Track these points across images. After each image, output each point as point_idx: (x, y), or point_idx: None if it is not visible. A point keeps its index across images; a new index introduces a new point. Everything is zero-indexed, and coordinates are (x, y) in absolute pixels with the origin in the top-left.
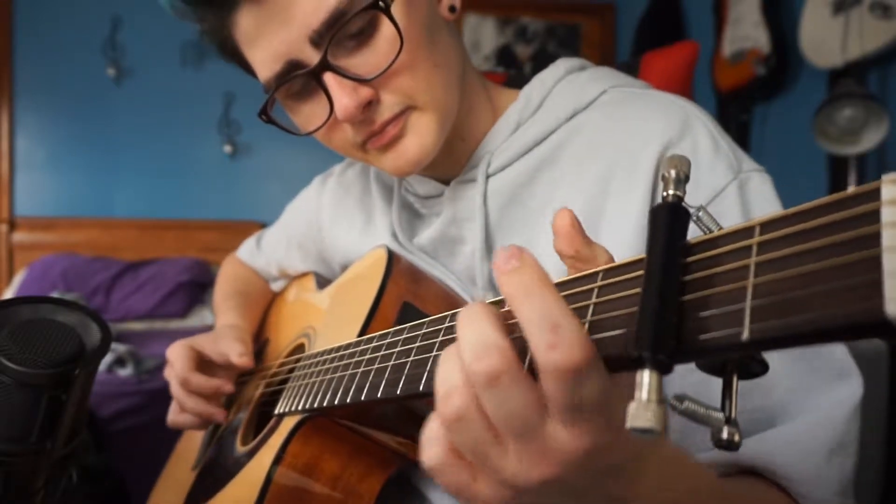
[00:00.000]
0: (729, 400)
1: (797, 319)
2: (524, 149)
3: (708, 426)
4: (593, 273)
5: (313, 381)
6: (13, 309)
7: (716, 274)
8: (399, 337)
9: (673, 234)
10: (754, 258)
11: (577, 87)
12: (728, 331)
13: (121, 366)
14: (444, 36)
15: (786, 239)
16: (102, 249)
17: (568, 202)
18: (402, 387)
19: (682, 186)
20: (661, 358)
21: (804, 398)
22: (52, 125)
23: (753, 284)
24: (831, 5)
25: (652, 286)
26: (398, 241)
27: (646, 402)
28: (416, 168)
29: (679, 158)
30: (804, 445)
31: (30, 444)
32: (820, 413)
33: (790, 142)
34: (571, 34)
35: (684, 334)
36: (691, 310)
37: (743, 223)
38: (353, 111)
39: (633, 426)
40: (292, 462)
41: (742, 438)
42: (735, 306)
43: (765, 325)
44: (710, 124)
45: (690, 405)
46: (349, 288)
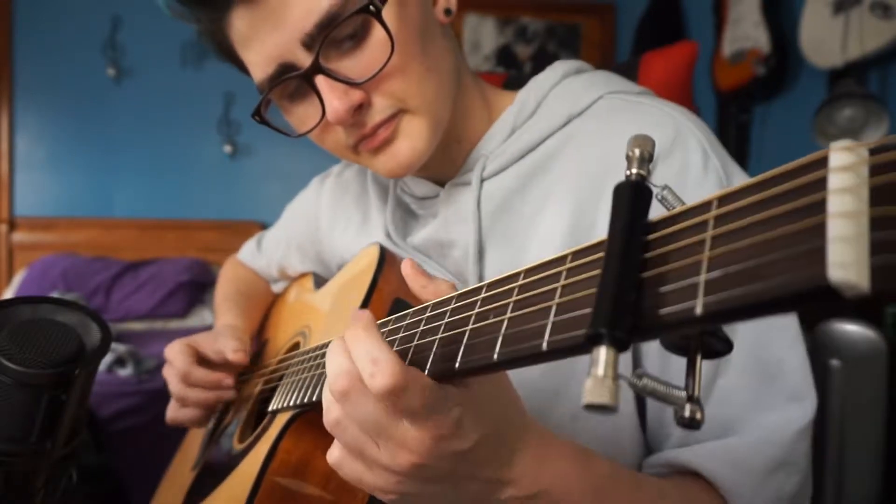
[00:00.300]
0: (692, 378)
1: (747, 290)
2: (518, 154)
3: (669, 404)
4: (563, 256)
5: (303, 376)
6: (13, 309)
7: (674, 250)
8: (384, 329)
9: (634, 212)
10: (710, 232)
11: (572, 92)
12: (682, 305)
13: (121, 366)
14: (438, 39)
15: (740, 211)
16: (102, 249)
17: (559, 211)
18: None
19: (645, 165)
20: (618, 334)
21: (754, 415)
22: (52, 125)
23: (708, 258)
24: (831, 5)
25: (611, 263)
26: (392, 240)
27: (601, 378)
28: (407, 171)
29: (643, 138)
30: (745, 460)
31: (30, 444)
32: (766, 431)
33: (790, 142)
34: (571, 34)
35: (642, 311)
36: (650, 286)
37: (703, 199)
38: (343, 114)
39: (590, 402)
40: (284, 458)
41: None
42: (690, 280)
43: (717, 297)
44: (702, 138)
45: (650, 382)
46: (343, 287)
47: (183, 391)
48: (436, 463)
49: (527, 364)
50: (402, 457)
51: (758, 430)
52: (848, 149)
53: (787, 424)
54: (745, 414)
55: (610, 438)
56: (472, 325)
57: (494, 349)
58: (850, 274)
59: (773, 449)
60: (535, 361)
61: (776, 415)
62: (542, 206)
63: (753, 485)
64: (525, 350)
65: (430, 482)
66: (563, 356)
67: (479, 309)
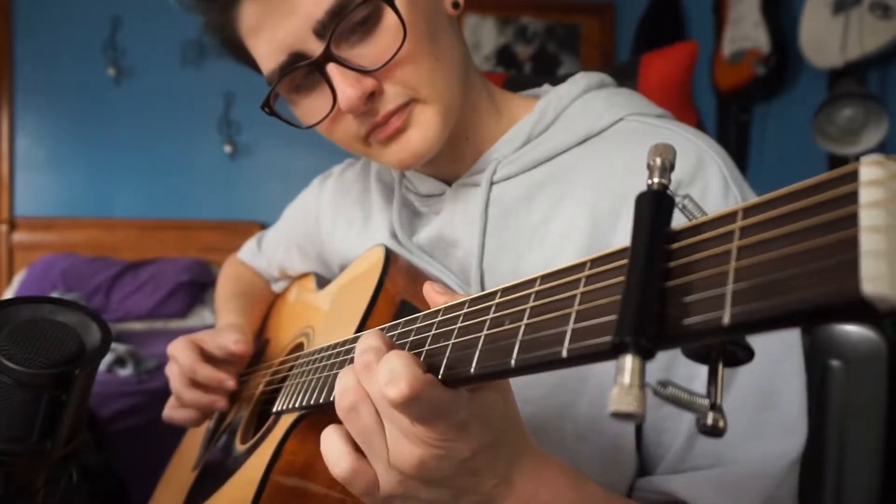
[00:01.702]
0: (714, 386)
1: (776, 302)
2: (531, 164)
3: (692, 412)
4: (581, 263)
5: (310, 378)
6: (13, 309)
7: (699, 259)
8: (394, 332)
9: (657, 221)
10: (736, 242)
11: (593, 109)
12: (709, 315)
13: (121, 366)
14: (447, 32)
15: (767, 223)
16: (102, 249)
17: (571, 226)
18: None
19: (667, 174)
20: (644, 343)
21: (748, 445)
22: (52, 125)
23: (735, 268)
24: (831, 5)
25: (635, 272)
26: (397, 240)
27: (628, 386)
28: (418, 161)
29: (664, 147)
30: (737, 492)
31: (30, 444)
32: (759, 463)
33: (790, 142)
34: (571, 34)
35: (667, 319)
36: (674, 295)
37: (726, 209)
38: (356, 102)
39: (615, 411)
40: (289, 460)
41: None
42: (716, 290)
43: (745, 308)
44: (723, 165)
45: (674, 391)
46: (347, 287)
47: (182, 391)
48: (437, 463)
49: (543, 370)
50: (406, 450)
51: (750, 462)
52: (878, 163)
53: (780, 457)
54: (739, 443)
55: (612, 458)
56: (487, 331)
57: (511, 355)
58: (883, 287)
59: (766, 482)
60: (552, 368)
61: (770, 447)
62: (547, 218)
63: None
64: (543, 356)
65: (432, 485)
66: (582, 363)
67: (493, 314)
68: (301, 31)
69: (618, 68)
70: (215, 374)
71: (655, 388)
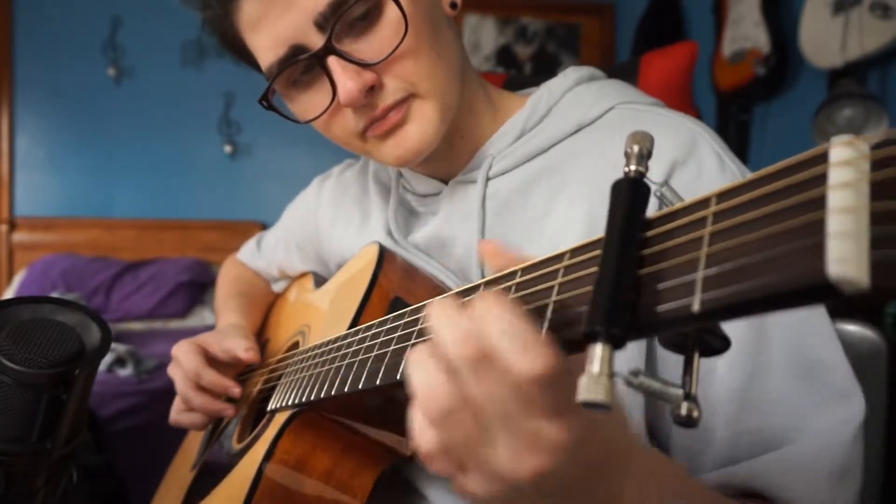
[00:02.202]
0: (689, 376)
1: (745, 286)
2: (526, 157)
3: (665, 401)
4: (561, 253)
5: (302, 376)
6: (13, 309)
7: (672, 246)
8: (382, 328)
9: (632, 209)
10: (709, 228)
11: (584, 100)
12: (680, 302)
13: (121, 366)
14: (446, 29)
15: (739, 207)
16: (102, 249)
17: (567, 216)
18: (381, 377)
19: (644, 162)
20: (615, 331)
21: (805, 421)
22: (52, 125)
23: (706, 254)
24: (831, 5)
25: (608, 260)
26: (393, 238)
27: (597, 375)
28: (416, 157)
29: (641, 134)
30: (808, 470)
31: (30, 444)
32: (822, 436)
33: (790, 142)
34: (571, 34)
35: (640, 308)
36: (648, 283)
37: (702, 195)
38: (356, 95)
39: (584, 399)
40: (283, 458)
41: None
42: (687, 277)
43: (715, 294)
44: (716, 145)
45: (646, 380)
46: (342, 286)
47: (190, 395)
48: (564, 471)
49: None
50: (526, 461)
51: (815, 436)
52: (849, 143)
53: (843, 425)
54: (795, 422)
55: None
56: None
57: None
58: (849, 270)
59: (832, 455)
60: None
61: (830, 417)
62: (546, 211)
63: (825, 493)
64: None
65: (544, 497)
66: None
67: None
68: (302, 23)
69: (618, 68)
70: (220, 379)
71: (627, 378)
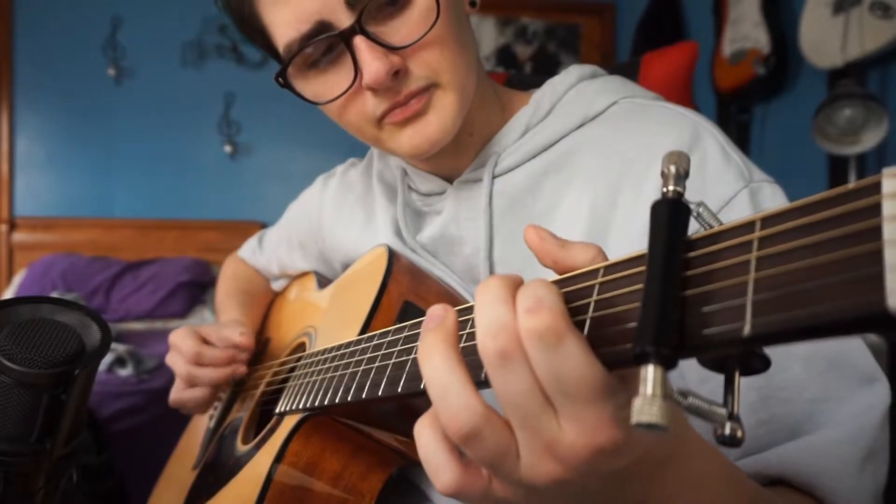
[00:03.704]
0: (731, 395)
1: (798, 314)
2: (531, 153)
3: (710, 422)
4: (594, 270)
5: (314, 379)
6: (13, 309)
7: (718, 269)
8: (400, 335)
9: (674, 230)
10: (755, 253)
11: (587, 95)
12: (730, 325)
13: (121, 366)
14: (467, 25)
15: (787, 233)
16: (102, 249)
17: (574, 211)
18: (402, 385)
19: (682, 182)
20: (665, 352)
21: (831, 407)
22: (52, 125)
23: (755, 279)
24: (831, 5)
25: (654, 281)
26: (401, 238)
27: (651, 397)
28: (431, 148)
29: (678, 154)
30: (836, 455)
31: (30, 444)
32: (849, 422)
33: (790, 142)
34: (571, 34)
35: (687, 329)
36: (693, 305)
37: (744, 218)
38: (383, 76)
39: (639, 422)
40: (293, 461)
41: (745, 435)
42: (737, 301)
43: (766, 319)
44: (719, 136)
45: (694, 401)
46: (350, 287)
47: (193, 371)
48: (582, 480)
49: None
50: (544, 467)
51: (842, 422)
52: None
53: (870, 410)
54: (820, 408)
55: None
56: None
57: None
58: None
59: (859, 440)
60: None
61: (856, 402)
62: (554, 206)
63: (851, 479)
64: None
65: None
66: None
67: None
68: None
69: (618, 68)
70: (223, 352)
71: (677, 399)
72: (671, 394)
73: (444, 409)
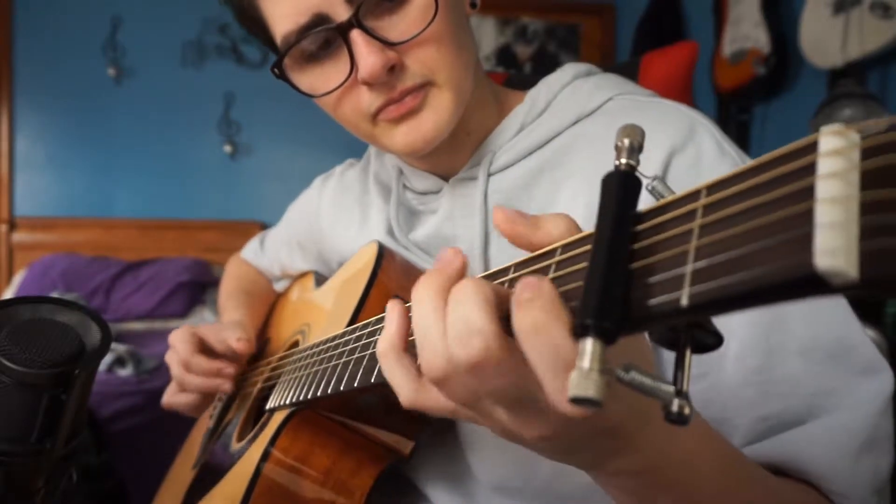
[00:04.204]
0: (681, 372)
1: (732, 280)
2: (527, 151)
3: (657, 398)
4: (552, 249)
5: (300, 374)
6: (13, 309)
7: (662, 240)
8: (378, 326)
9: (623, 203)
10: (698, 221)
11: (582, 92)
12: (668, 296)
13: (121, 366)
14: (466, 26)
15: (729, 199)
16: (102, 249)
17: (569, 208)
18: (376, 375)
19: (634, 155)
20: (606, 325)
21: (831, 397)
22: (52, 125)
23: (695, 247)
24: (831, 5)
25: (599, 254)
26: (394, 237)
27: (587, 370)
28: (425, 146)
29: (632, 127)
30: (833, 443)
31: (30, 444)
32: (848, 410)
33: (790, 142)
34: (571, 34)
35: (631, 302)
36: (638, 277)
37: (692, 188)
38: (379, 70)
39: (574, 395)
40: (281, 456)
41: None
42: (676, 271)
43: (703, 286)
44: (715, 131)
45: (637, 376)
46: (341, 285)
47: (183, 376)
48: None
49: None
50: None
51: (841, 410)
52: (838, 133)
53: (873, 398)
54: (821, 399)
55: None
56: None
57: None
58: (838, 261)
59: (858, 427)
60: None
61: (857, 392)
62: (550, 203)
63: (848, 466)
64: None
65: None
66: None
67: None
68: None
69: (618, 68)
70: (210, 364)
71: (619, 374)
72: (611, 369)
73: (421, 350)
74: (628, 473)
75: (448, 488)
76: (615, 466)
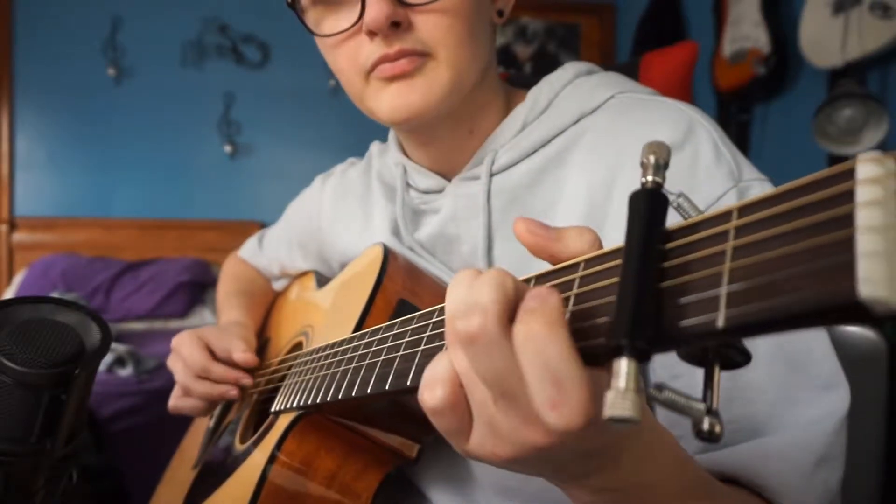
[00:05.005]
0: (710, 390)
1: (771, 304)
2: (529, 150)
3: (688, 416)
4: (575, 263)
5: (307, 378)
6: (13, 309)
7: (694, 259)
8: (389, 332)
9: (651, 221)
10: (731, 242)
11: (584, 91)
12: (704, 317)
13: (121, 366)
14: (487, 26)
15: (762, 222)
16: (102, 249)
17: (571, 206)
18: (390, 382)
19: (661, 172)
20: (640, 345)
21: (789, 410)
22: (52, 125)
23: (729, 269)
24: (831, 5)
25: (629, 273)
26: (399, 237)
27: (623, 390)
28: (410, 116)
29: (658, 144)
30: (789, 458)
31: (30, 444)
32: (805, 426)
33: (790, 142)
34: (571, 34)
35: (663, 321)
36: (670, 296)
37: (722, 208)
38: (383, 20)
39: (611, 415)
40: (287, 459)
41: (723, 430)
42: (711, 292)
43: (740, 310)
44: (714, 132)
45: (671, 395)
46: (346, 286)
47: (190, 382)
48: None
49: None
50: (526, 435)
51: (796, 426)
52: (875, 160)
53: (826, 417)
54: (778, 410)
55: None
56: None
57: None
58: (880, 290)
59: (813, 444)
60: None
61: (811, 408)
62: (553, 202)
63: (801, 482)
64: None
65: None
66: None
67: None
68: None
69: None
70: (228, 372)
71: (652, 393)
72: (644, 388)
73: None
74: (609, 490)
75: (449, 490)
76: (598, 483)
